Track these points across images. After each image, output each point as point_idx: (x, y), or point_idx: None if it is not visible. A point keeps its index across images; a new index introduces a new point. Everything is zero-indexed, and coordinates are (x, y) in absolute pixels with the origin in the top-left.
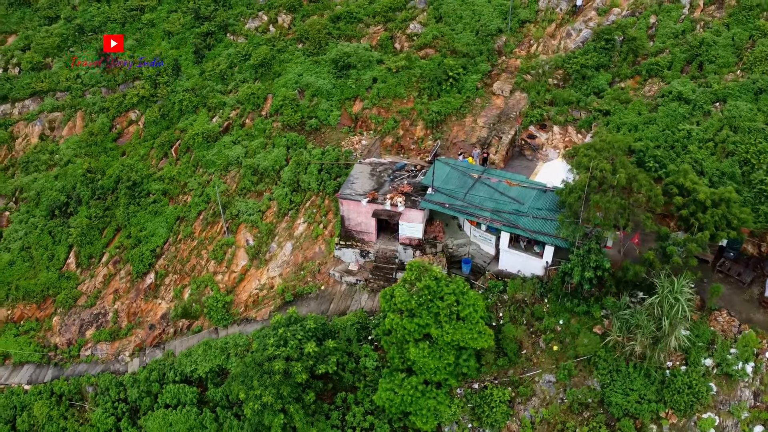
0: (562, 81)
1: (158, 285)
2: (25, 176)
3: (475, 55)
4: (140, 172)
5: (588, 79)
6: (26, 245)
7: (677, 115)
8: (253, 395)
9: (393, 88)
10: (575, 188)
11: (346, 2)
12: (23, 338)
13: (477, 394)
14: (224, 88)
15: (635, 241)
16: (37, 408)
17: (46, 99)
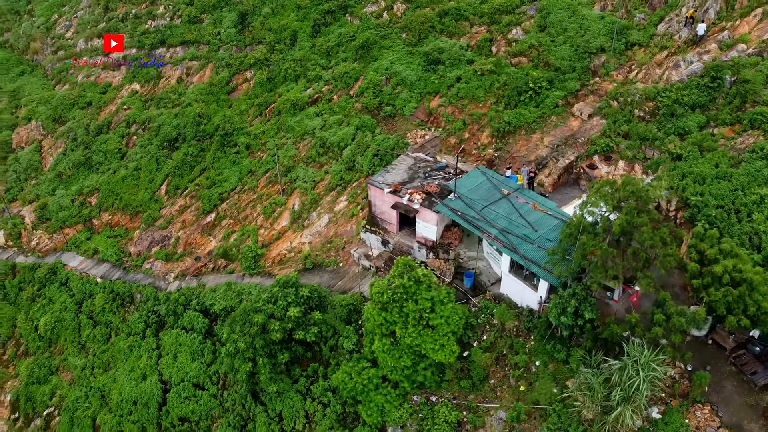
0: (649, 114)
1: (215, 224)
2: (156, 110)
3: (567, 71)
4: (234, 125)
5: (677, 118)
6: (138, 167)
7: (759, 177)
8: (231, 338)
9: (473, 90)
10: (571, 224)
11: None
12: (111, 241)
13: (428, 407)
14: (326, 63)
15: (633, 299)
16: (98, 298)
17: (190, 48)
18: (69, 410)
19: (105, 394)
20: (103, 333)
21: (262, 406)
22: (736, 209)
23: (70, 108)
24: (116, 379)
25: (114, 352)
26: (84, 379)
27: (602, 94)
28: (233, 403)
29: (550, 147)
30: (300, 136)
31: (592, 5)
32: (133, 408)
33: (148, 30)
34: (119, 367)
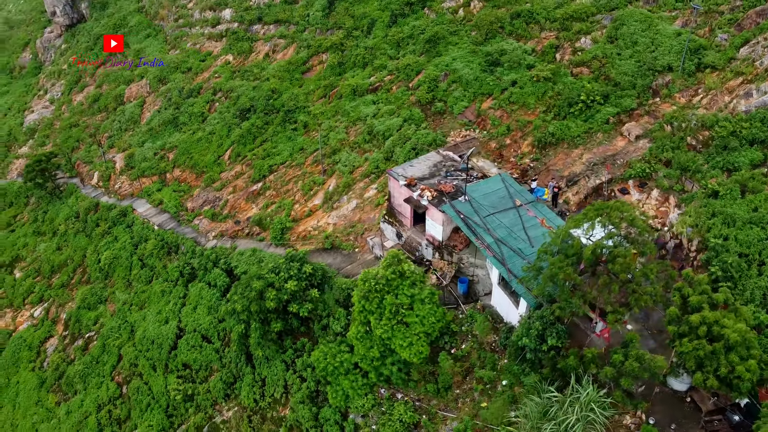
0: (702, 144)
1: (260, 193)
2: (239, 81)
3: (626, 87)
4: (299, 103)
5: (729, 151)
6: (213, 131)
7: None
8: (231, 299)
9: (525, 96)
10: (544, 244)
11: (534, 2)
12: (175, 195)
13: (391, 402)
14: (394, 54)
15: (605, 333)
16: (150, 244)
17: (281, 27)
18: (103, 337)
19: (134, 329)
20: (146, 275)
21: (251, 369)
22: (761, 261)
23: (173, 71)
24: (145, 318)
25: (150, 294)
26: (122, 312)
27: (658, 116)
28: (229, 361)
29: (587, 164)
30: (353, 121)
31: (673, 20)
32: (150, 346)
33: (251, 7)
34: (151, 308)
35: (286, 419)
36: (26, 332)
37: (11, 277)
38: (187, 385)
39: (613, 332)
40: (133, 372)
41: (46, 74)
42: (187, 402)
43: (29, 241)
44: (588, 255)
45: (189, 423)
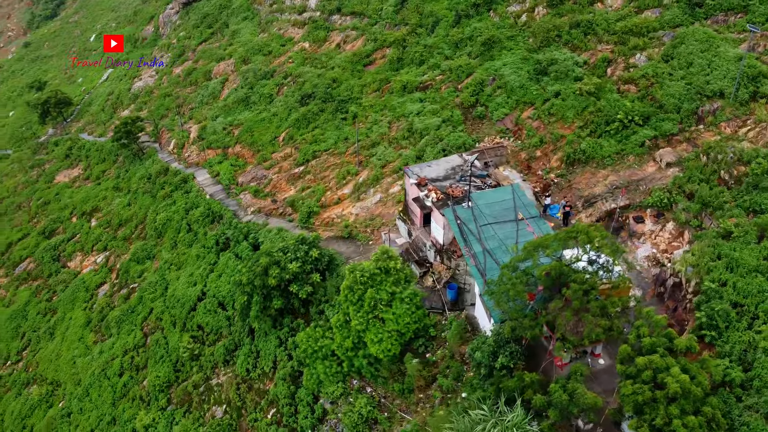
0: (734, 180)
1: (300, 176)
2: (308, 68)
3: (670, 110)
4: (353, 94)
5: (759, 191)
6: (275, 113)
7: None
8: (240, 271)
9: (565, 109)
10: (507, 262)
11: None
12: (231, 169)
13: (357, 393)
14: (451, 54)
15: (557, 362)
16: (198, 211)
17: (356, 19)
18: (142, 290)
19: (168, 287)
20: (190, 239)
21: (250, 340)
22: (756, 314)
23: (256, 53)
24: (179, 278)
25: (188, 257)
26: (162, 270)
27: (698, 144)
28: (235, 329)
29: (608, 187)
30: (397, 117)
31: (738, 43)
32: (175, 304)
33: None
34: (185, 269)
35: (268, 393)
36: (87, 275)
37: (88, 225)
38: (196, 345)
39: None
40: (157, 325)
41: (159, 46)
42: (193, 361)
43: (108, 195)
44: (540, 275)
45: (190, 380)
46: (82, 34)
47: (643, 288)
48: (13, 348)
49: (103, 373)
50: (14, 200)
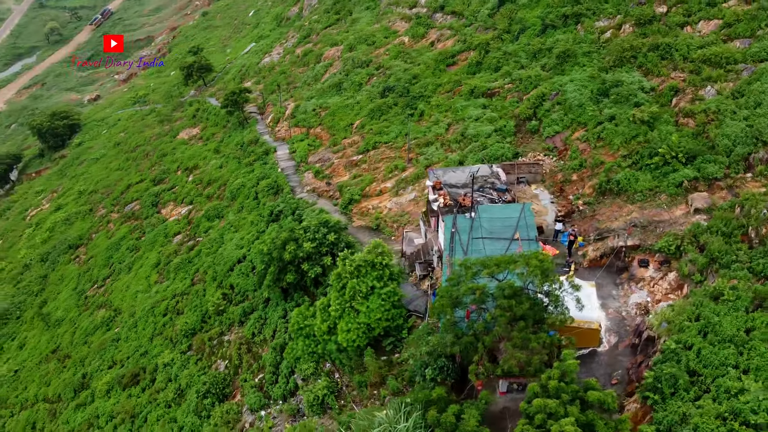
0: (759, 240)
1: (357, 164)
2: (398, 62)
3: (720, 152)
4: (426, 92)
5: None
6: (359, 101)
7: None
8: (264, 240)
9: (614, 134)
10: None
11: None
12: (307, 148)
13: (324, 376)
14: (527, 63)
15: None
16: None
17: (454, 19)
18: (203, 245)
19: (222, 246)
20: (253, 206)
21: (263, 306)
22: (707, 388)
23: (362, 42)
24: (231, 240)
25: (246, 222)
26: (223, 230)
27: (737, 194)
28: (257, 295)
29: (626, 224)
30: (457, 120)
31: None
32: (220, 262)
33: None
34: (240, 233)
35: (261, 359)
36: (171, 223)
37: (186, 179)
38: (224, 302)
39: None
40: (202, 278)
41: (294, 27)
42: (218, 315)
43: (208, 156)
44: (460, 294)
45: (208, 333)
46: (246, 8)
47: (621, 335)
48: (102, 274)
49: (152, 311)
50: (145, 149)
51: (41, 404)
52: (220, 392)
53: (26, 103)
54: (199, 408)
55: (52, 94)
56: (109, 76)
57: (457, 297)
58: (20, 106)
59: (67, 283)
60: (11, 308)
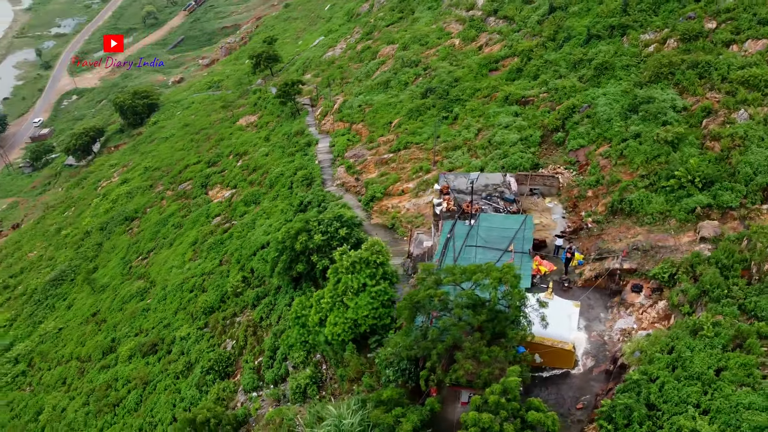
0: (759, 277)
1: (386, 163)
2: (444, 63)
3: (740, 180)
4: (464, 96)
5: None
6: (402, 100)
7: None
8: (281, 228)
9: (636, 153)
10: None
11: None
12: (345, 143)
13: (312, 366)
14: (565, 73)
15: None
16: (303, 172)
17: (506, 24)
18: (235, 228)
19: (252, 230)
20: (285, 195)
21: (275, 292)
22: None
23: (415, 42)
24: (261, 225)
25: (277, 210)
26: (257, 215)
27: (747, 225)
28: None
29: (629, 246)
30: (487, 126)
31: None
32: (246, 246)
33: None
34: (270, 220)
35: (263, 343)
36: (214, 205)
37: (235, 164)
38: (243, 284)
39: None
40: (228, 260)
41: (360, 23)
42: (236, 297)
43: (258, 143)
44: (419, 298)
45: (224, 313)
46: (324, 2)
47: (598, 360)
48: (147, 247)
49: (181, 286)
50: (208, 132)
51: (74, 362)
52: (222, 370)
53: (117, 81)
54: (200, 383)
55: (141, 74)
56: (194, 61)
57: (417, 302)
58: (111, 84)
59: (118, 253)
60: (68, 271)
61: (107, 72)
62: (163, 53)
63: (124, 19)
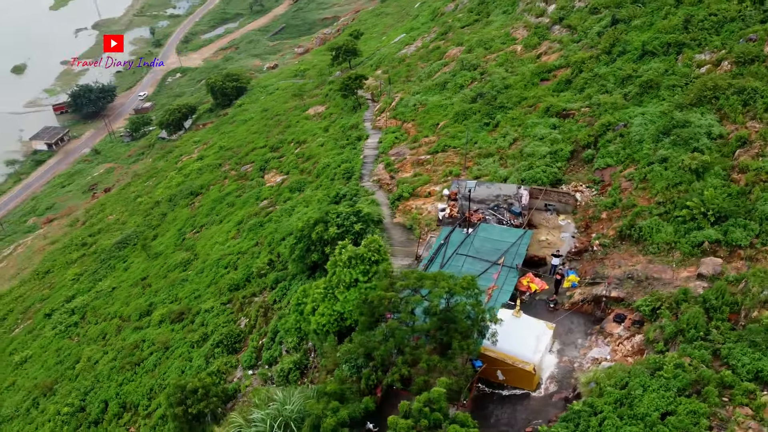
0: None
1: (421, 164)
2: (500, 69)
3: (755, 217)
4: (510, 104)
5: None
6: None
7: None
8: (302, 217)
9: (658, 179)
10: None
11: None
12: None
13: (302, 352)
14: (612, 88)
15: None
16: (345, 165)
17: (567, 33)
18: (276, 213)
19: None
20: (327, 185)
21: (291, 278)
22: None
23: (480, 45)
24: (298, 213)
25: (315, 199)
26: (297, 202)
27: (755, 265)
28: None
29: (624, 273)
30: (523, 136)
31: None
32: (279, 231)
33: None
34: (308, 208)
35: (269, 324)
36: (265, 188)
37: (293, 151)
38: (267, 267)
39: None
40: (262, 242)
41: (439, 22)
42: (259, 278)
43: (318, 133)
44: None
45: (245, 291)
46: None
47: (562, 386)
48: (202, 222)
49: (218, 262)
50: (281, 118)
51: (116, 320)
52: (231, 345)
53: (218, 63)
54: (209, 354)
55: (241, 58)
56: (290, 49)
57: (371, 302)
58: (213, 65)
59: (176, 224)
60: (132, 236)
61: (211, 54)
62: (263, 39)
63: (233, 4)
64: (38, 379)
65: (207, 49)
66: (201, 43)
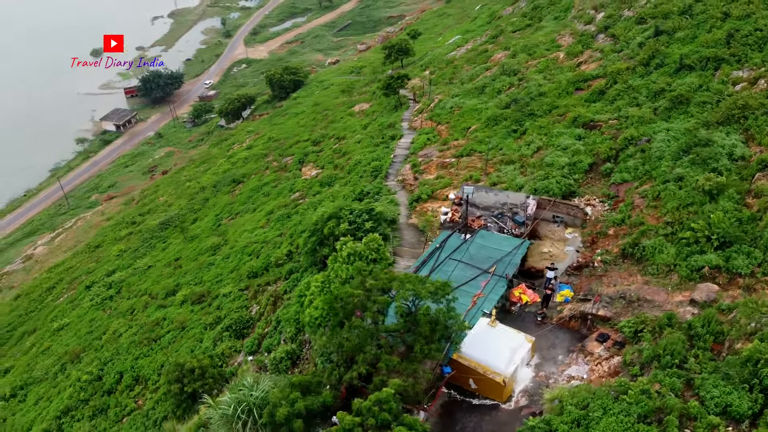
0: (725, 354)
1: (445, 167)
2: (538, 76)
3: (762, 245)
4: (539, 112)
5: (724, 378)
6: (488, 107)
7: None
8: (317, 211)
9: (671, 198)
10: None
11: None
12: (425, 141)
13: (297, 342)
14: (643, 102)
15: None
16: (375, 164)
17: (610, 43)
18: (303, 206)
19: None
20: (355, 182)
21: (303, 270)
22: None
23: (524, 51)
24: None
25: (341, 195)
26: (325, 196)
27: (751, 295)
28: None
29: (617, 292)
30: (547, 146)
31: None
32: (302, 224)
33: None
34: (334, 203)
35: (276, 313)
36: (299, 181)
37: (332, 146)
38: (285, 258)
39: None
40: (285, 233)
41: (493, 26)
42: (276, 267)
43: (357, 129)
44: (341, 296)
45: (261, 279)
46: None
47: (533, 401)
48: (238, 209)
49: (243, 250)
50: (328, 113)
51: (145, 297)
52: (239, 330)
53: (283, 56)
54: (217, 337)
55: (305, 52)
56: (353, 45)
57: (341, 298)
58: (277, 58)
59: (215, 210)
60: (174, 218)
61: (277, 46)
62: (328, 35)
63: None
64: (69, 347)
65: (273, 41)
66: (268, 36)
